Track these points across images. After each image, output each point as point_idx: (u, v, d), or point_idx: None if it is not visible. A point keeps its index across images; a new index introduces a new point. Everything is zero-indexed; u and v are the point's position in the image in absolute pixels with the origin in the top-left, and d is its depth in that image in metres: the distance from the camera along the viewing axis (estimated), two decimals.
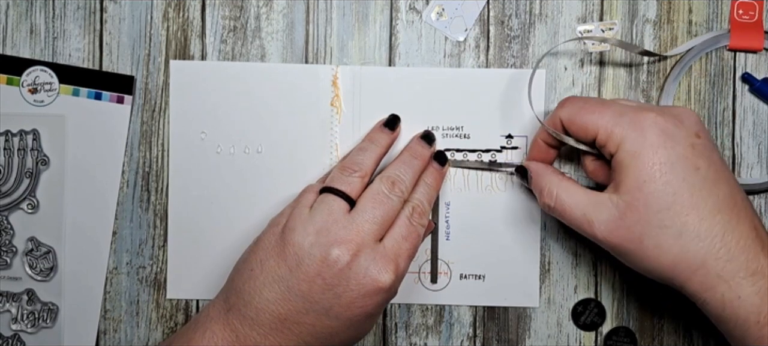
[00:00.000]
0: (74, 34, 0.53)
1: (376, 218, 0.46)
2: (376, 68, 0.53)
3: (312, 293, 0.45)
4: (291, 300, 0.45)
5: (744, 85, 0.54)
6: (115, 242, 0.53)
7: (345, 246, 0.45)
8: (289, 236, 0.46)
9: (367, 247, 0.45)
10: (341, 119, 0.53)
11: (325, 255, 0.45)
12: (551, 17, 0.53)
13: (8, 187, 0.53)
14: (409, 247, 0.47)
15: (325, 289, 0.45)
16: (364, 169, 0.48)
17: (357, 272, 0.45)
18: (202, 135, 0.53)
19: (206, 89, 0.53)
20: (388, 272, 0.45)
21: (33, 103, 0.53)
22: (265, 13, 0.53)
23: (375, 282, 0.45)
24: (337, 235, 0.45)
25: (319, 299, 0.45)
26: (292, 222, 0.46)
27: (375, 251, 0.45)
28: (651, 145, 0.43)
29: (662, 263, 0.44)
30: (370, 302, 0.45)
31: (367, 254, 0.45)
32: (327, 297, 0.45)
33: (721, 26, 0.54)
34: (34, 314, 0.53)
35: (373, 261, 0.45)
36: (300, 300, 0.45)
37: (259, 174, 0.53)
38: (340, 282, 0.45)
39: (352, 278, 0.45)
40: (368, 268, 0.45)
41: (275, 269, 0.45)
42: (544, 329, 0.54)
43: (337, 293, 0.45)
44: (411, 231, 0.47)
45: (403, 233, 0.47)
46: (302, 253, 0.45)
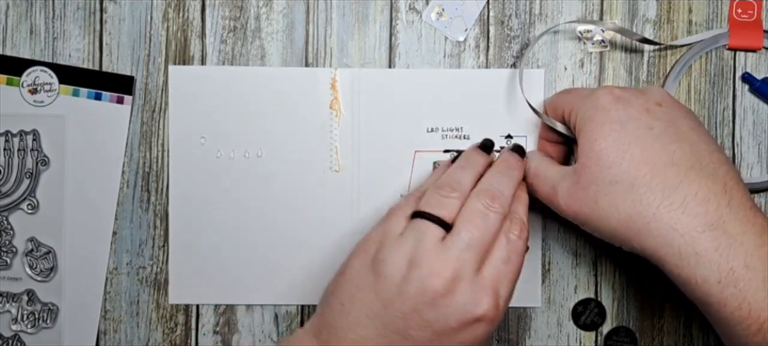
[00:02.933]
0: (74, 35, 0.53)
1: (473, 244, 0.43)
2: (375, 70, 0.53)
3: (409, 329, 0.42)
4: (388, 337, 0.42)
5: (744, 85, 0.54)
6: (115, 242, 0.53)
7: (441, 280, 0.41)
8: (380, 267, 0.43)
9: (464, 278, 0.42)
10: (341, 122, 0.53)
11: (421, 290, 0.41)
12: (551, 17, 0.53)
13: (8, 187, 0.53)
14: (511, 270, 0.44)
15: (423, 325, 0.42)
16: (463, 189, 0.45)
17: (455, 307, 0.42)
18: (202, 140, 0.53)
19: (205, 94, 0.53)
20: (487, 302, 0.42)
21: (33, 103, 0.53)
22: (265, 14, 0.53)
23: (473, 315, 0.42)
24: (432, 267, 0.42)
25: (417, 336, 0.42)
26: (383, 253, 0.43)
27: (473, 283, 0.42)
28: (602, 107, 0.45)
29: (618, 219, 0.43)
30: (471, 336, 0.42)
31: (465, 287, 0.42)
32: (426, 334, 0.42)
33: (721, 26, 0.54)
34: (34, 314, 0.53)
35: (471, 293, 0.42)
36: (397, 337, 0.42)
37: (260, 178, 0.53)
38: (439, 318, 0.42)
39: (450, 313, 0.42)
40: (467, 302, 0.42)
41: (368, 305, 0.43)
42: (544, 329, 0.54)
43: (435, 329, 0.42)
44: (511, 252, 0.44)
45: (504, 257, 0.44)
46: (395, 288, 0.42)
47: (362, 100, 0.53)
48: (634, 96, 0.45)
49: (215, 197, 0.53)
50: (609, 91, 0.45)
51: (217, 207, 0.53)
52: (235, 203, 0.53)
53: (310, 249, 0.53)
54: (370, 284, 0.43)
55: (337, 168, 0.53)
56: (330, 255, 0.52)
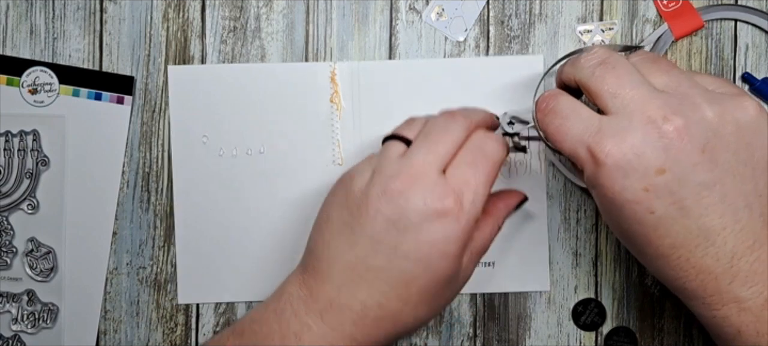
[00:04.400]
0: (74, 35, 0.53)
1: (432, 149, 0.43)
2: (374, 63, 0.53)
3: (375, 231, 0.42)
4: (358, 244, 0.42)
5: (744, 85, 0.54)
6: (115, 242, 0.53)
7: (400, 179, 0.42)
8: (349, 183, 0.44)
9: (424, 177, 0.42)
10: (341, 115, 0.53)
11: (382, 190, 0.42)
12: (551, 17, 0.53)
13: (8, 187, 0.53)
14: (477, 174, 0.43)
15: (388, 225, 0.42)
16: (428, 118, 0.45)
17: (416, 203, 0.41)
18: (204, 139, 0.53)
19: (205, 93, 0.53)
20: (447, 198, 0.41)
21: (33, 103, 0.53)
22: (265, 14, 0.53)
23: (433, 209, 0.41)
24: (392, 170, 0.42)
25: (384, 238, 0.42)
26: (352, 171, 0.45)
27: (435, 181, 0.42)
28: (601, 187, 0.40)
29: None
30: (437, 235, 0.41)
31: (425, 184, 0.42)
32: (391, 234, 0.42)
33: (720, 26, 0.54)
34: (35, 314, 0.53)
35: (431, 191, 0.41)
36: (366, 242, 0.42)
37: (263, 175, 0.53)
38: (401, 216, 0.41)
39: (411, 209, 0.41)
40: (426, 197, 0.41)
41: (340, 218, 0.43)
42: (544, 329, 0.54)
43: (399, 228, 0.42)
44: (476, 156, 0.43)
45: (468, 159, 0.43)
46: (361, 195, 0.43)
47: (362, 93, 0.53)
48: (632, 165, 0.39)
49: (219, 195, 0.53)
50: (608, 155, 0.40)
51: (221, 205, 0.53)
52: (239, 200, 0.53)
53: None
54: (342, 201, 0.44)
55: (339, 161, 0.53)
56: None
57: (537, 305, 0.54)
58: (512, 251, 0.53)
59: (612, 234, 0.54)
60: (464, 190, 0.42)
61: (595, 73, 0.41)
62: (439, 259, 0.42)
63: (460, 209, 0.42)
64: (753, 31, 0.54)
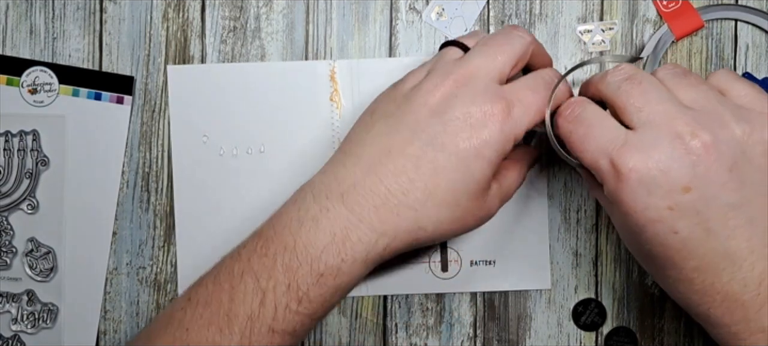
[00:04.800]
0: (74, 35, 0.53)
1: (490, 56, 0.42)
2: (374, 60, 0.53)
3: (418, 121, 0.42)
4: (398, 132, 0.42)
5: None
6: (115, 242, 0.53)
7: (454, 77, 0.42)
8: (401, 82, 0.45)
9: (479, 80, 0.42)
10: (342, 113, 0.53)
11: (434, 85, 0.42)
12: (551, 17, 0.53)
13: (8, 187, 0.53)
14: (535, 97, 0.42)
15: (432, 116, 0.41)
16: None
17: (464, 100, 0.41)
18: (204, 139, 0.53)
19: (205, 93, 0.53)
20: (497, 103, 0.41)
21: (33, 103, 0.53)
22: (265, 14, 0.53)
23: (482, 111, 0.41)
24: (447, 69, 0.42)
25: (425, 127, 0.41)
26: (407, 74, 0.45)
27: (487, 86, 0.42)
28: (624, 204, 0.39)
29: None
30: (477, 135, 0.41)
31: (478, 86, 0.41)
32: (432, 125, 0.41)
33: (721, 26, 0.54)
34: (34, 314, 0.53)
35: (483, 92, 0.41)
36: (406, 129, 0.42)
37: (264, 174, 0.53)
38: (447, 109, 0.41)
39: (458, 105, 0.41)
40: (476, 97, 0.41)
41: (384, 109, 0.43)
42: (544, 329, 0.54)
43: (443, 120, 0.41)
44: (539, 83, 0.43)
45: (530, 83, 0.43)
46: (411, 90, 0.43)
47: (362, 91, 0.53)
48: (657, 183, 0.38)
49: (220, 195, 0.53)
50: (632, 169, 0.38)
51: (222, 205, 0.53)
52: (239, 199, 0.53)
53: None
54: (390, 94, 0.44)
55: None
56: None
57: (537, 305, 0.54)
58: (513, 249, 0.53)
59: (612, 234, 0.54)
60: (516, 103, 0.42)
61: (621, 87, 0.40)
62: (474, 159, 0.41)
63: (507, 117, 0.41)
64: (753, 31, 0.54)
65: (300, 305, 0.41)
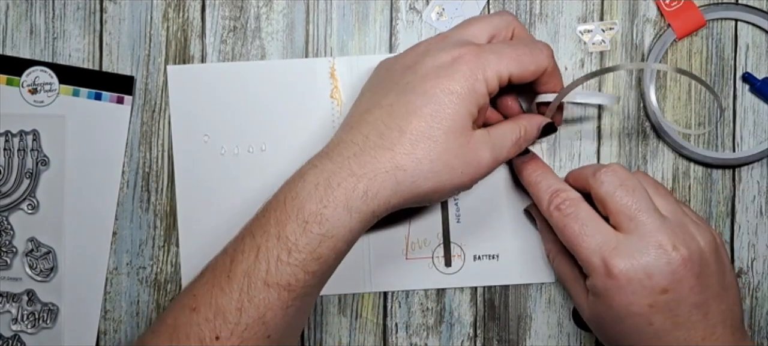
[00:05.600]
0: (74, 35, 0.53)
1: (466, 23, 0.48)
2: (374, 57, 0.53)
3: (394, 78, 0.46)
4: (377, 92, 0.46)
5: (744, 85, 0.54)
6: (115, 242, 0.53)
7: (429, 40, 0.48)
8: (397, 56, 0.49)
9: (451, 37, 0.47)
10: (342, 110, 0.53)
11: (409, 50, 0.48)
12: (551, 17, 0.53)
13: (8, 187, 0.53)
14: (510, 50, 0.46)
15: (405, 69, 0.46)
16: None
17: (435, 51, 0.46)
18: (205, 138, 0.53)
19: (205, 92, 0.53)
20: (466, 48, 0.45)
21: (33, 103, 0.53)
22: (265, 13, 0.53)
23: (450, 55, 0.45)
24: (426, 40, 0.48)
25: (399, 80, 0.46)
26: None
27: (459, 38, 0.47)
28: (609, 298, 0.45)
29: None
30: (446, 73, 0.45)
31: (450, 40, 0.46)
32: (406, 75, 0.46)
33: (721, 26, 0.54)
34: (35, 314, 0.53)
35: (454, 42, 0.46)
36: (383, 88, 0.46)
37: (265, 172, 0.53)
38: (418, 60, 0.46)
39: (429, 57, 0.45)
40: (445, 48, 0.46)
41: (369, 82, 0.49)
42: (544, 330, 0.54)
43: (414, 70, 0.46)
44: (520, 43, 0.47)
45: (510, 43, 0.47)
46: (391, 59, 0.48)
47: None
48: (641, 284, 0.44)
49: (221, 194, 0.53)
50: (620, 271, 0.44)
51: (224, 204, 0.53)
52: (241, 198, 0.53)
53: None
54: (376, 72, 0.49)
55: None
56: None
57: (537, 305, 0.54)
58: (516, 243, 0.53)
59: None
60: (488, 52, 0.45)
61: (616, 193, 0.46)
62: (442, 93, 0.44)
63: (476, 58, 0.45)
64: (753, 31, 0.54)
65: (290, 256, 0.43)
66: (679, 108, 0.54)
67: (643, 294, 0.44)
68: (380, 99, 0.46)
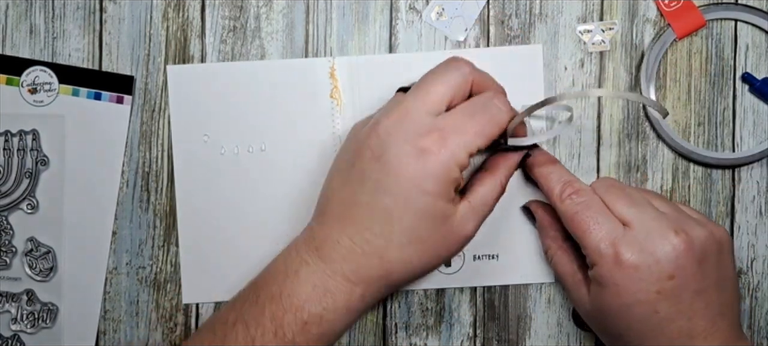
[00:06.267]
0: (74, 34, 0.53)
1: (425, 90, 0.45)
2: (374, 57, 0.53)
3: (363, 169, 0.44)
4: (350, 181, 0.45)
5: (744, 85, 0.54)
6: (115, 242, 0.53)
7: (390, 117, 0.44)
8: (353, 129, 0.48)
9: (411, 116, 0.44)
10: (342, 110, 0.53)
11: (372, 127, 0.45)
12: (551, 17, 0.53)
13: (8, 187, 0.53)
14: (471, 123, 0.44)
15: (373, 161, 0.44)
16: None
17: (398, 138, 0.43)
18: (205, 138, 0.53)
19: (205, 92, 0.53)
20: (430, 136, 0.43)
21: (32, 103, 0.53)
22: (265, 13, 0.53)
23: (415, 146, 0.43)
24: (385, 110, 0.46)
25: (370, 174, 0.44)
26: (360, 121, 0.49)
27: (421, 120, 0.44)
28: (615, 286, 0.45)
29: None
30: (416, 171, 0.43)
31: (410, 122, 0.44)
32: (375, 170, 0.44)
33: (721, 26, 0.54)
34: (34, 314, 0.53)
35: (416, 128, 0.43)
36: (356, 178, 0.45)
37: (265, 172, 0.53)
38: (384, 150, 0.44)
39: (393, 143, 0.43)
40: (410, 134, 0.43)
41: (340, 162, 0.47)
42: (544, 330, 0.54)
43: (382, 162, 0.44)
44: (476, 108, 0.45)
45: (466, 109, 0.45)
46: (357, 135, 0.46)
47: (362, 88, 0.53)
48: (650, 269, 0.44)
49: (221, 194, 0.53)
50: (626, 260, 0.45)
51: (223, 204, 0.53)
52: (241, 198, 0.53)
53: None
54: (345, 146, 0.48)
55: None
56: None
57: (537, 305, 0.54)
58: (516, 243, 0.53)
59: None
60: (451, 135, 0.44)
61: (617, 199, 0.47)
62: (419, 195, 0.43)
63: (443, 147, 0.43)
64: (753, 31, 0.54)
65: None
66: (679, 108, 0.54)
67: (650, 281, 0.44)
68: (355, 192, 0.45)
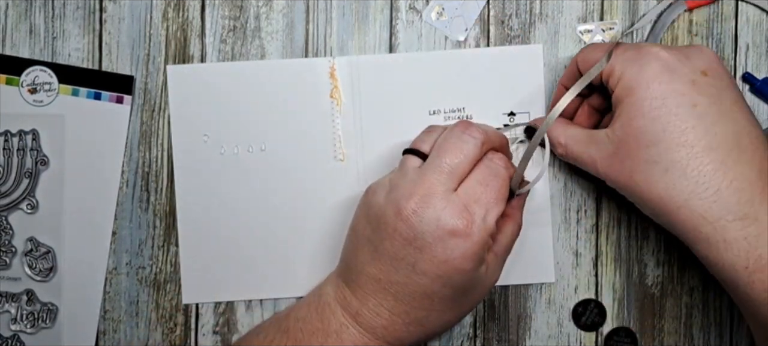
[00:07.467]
0: (74, 34, 0.53)
1: (444, 165, 0.45)
2: (374, 57, 0.53)
3: (395, 250, 0.45)
4: (380, 260, 0.45)
5: (745, 85, 0.54)
6: (115, 242, 0.53)
7: (414, 198, 0.44)
8: (370, 198, 0.47)
9: (436, 195, 0.44)
10: (342, 110, 0.53)
11: (397, 210, 0.44)
12: (551, 17, 0.53)
13: (7, 187, 0.53)
14: (489, 192, 0.45)
15: (405, 244, 0.44)
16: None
17: (429, 222, 0.44)
18: (205, 138, 0.53)
19: (205, 92, 0.53)
20: (460, 218, 0.44)
21: (32, 103, 0.53)
22: (265, 13, 0.53)
23: (445, 228, 0.44)
24: (405, 189, 0.45)
25: (403, 256, 0.44)
26: (374, 185, 0.47)
27: (446, 199, 0.44)
28: (645, 79, 0.43)
29: (651, 197, 0.44)
30: (451, 253, 0.44)
31: (437, 202, 0.44)
32: (408, 252, 0.44)
33: (721, 26, 0.54)
34: (34, 314, 0.53)
35: (443, 209, 0.44)
36: (387, 259, 0.45)
37: (265, 172, 0.53)
38: (417, 236, 0.44)
39: (425, 229, 0.44)
40: (439, 216, 0.44)
41: (363, 233, 0.46)
42: (544, 330, 0.54)
43: (416, 246, 0.44)
44: (489, 176, 0.46)
45: (480, 178, 0.45)
46: (379, 211, 0.45)
47: (362, 88, 0.53)
48: (681, 63, 0.43)
49: (221, 194, 0.53)
50: (655, 55, 0.44)
51: (223, 204, 0.53)
52: (241, 198, 0.53)
53: (317, 240, 0.53)
54: (364, 214, 0.47)
55: (341, 157, 0.53)
56: (337, 245, 0.52)
57: (537, 306, 0.54)
58: (517, 244, 0.53)
59: (612, 234, 0.54)
60: (476, 208, 0.45)
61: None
62: (455, 274, 0.45)
63: (472, 225, 0.44)
64: (754, 31, 0.54)
65: None
66: None
67: (684, 72, 0.43)
68: (388, 272, 0.45)
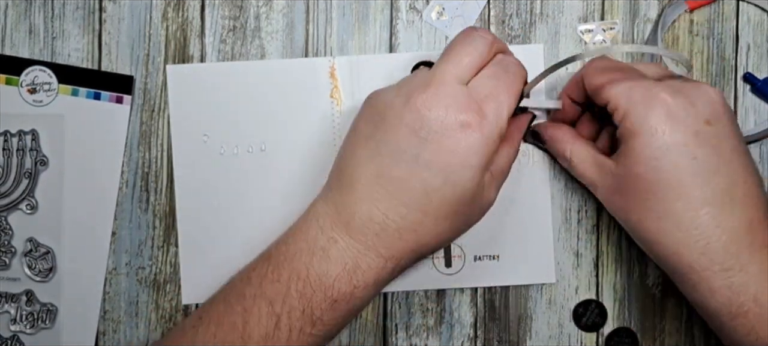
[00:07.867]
0: (73, 34, 0.53)
1: (454, 61, 0.44)
2: (374, 56, 0.53)
3: (399, 141, 0.43)
4: (380, 154, 0.44)
5: (745, 85, 0.54)
6: (115, 242, 0.53)
7: (424, 89, 0.43)
8: (375, 99, 0.46)
9: (447, 87, 0.43)
10: (342, 110, 0.53)
11: (405, 100, 0.44)
12: (552, 17, 0.53)
13: (7, 187, 0.53)
14: (500, 86, 0.44)
15: (410, 134, 0.43)
16: None
17: (438, 113, 0.43)
18: (205, 138, 0.53)
19: (205, 92, 0.53)
20: (470, 110, 0.43)
21: (32, 103, 0.53)
22: (265, 13, 0.53)
23: (457, 120, 0.43)
24: (416, 82, 0.44)
25: (406, 147, 0.43)
26: (378, 90, 0.47)
27: (456, 92, 0.43)
28: (649, 126, 0.43)
29: (644, 237, 0.45)
30: (459, 145, 0.43)
31: (447, 94, 0.43)
32: (413, 143, 0.43)
33: (721, 26, 0.53)
34: (33, 314, 0.53)
35: (453, 101, 0.43)
36: (388, 152, 0.44)
37: (265, 172, 0.53)
38: (424, 125, 0.43)
39: (433, 118, 0.43)
40: (449, 107, 0.43)
41: (364, 131, 0.45)
42: (545, 330, 0.54)
43: (422, 137, 0.43)
44: (499, 71, 0.45)
45: (489, 73, 0.45)
46: (386, 107, 0.44)
47: (362, 87, 0.53)
48: (686, 112, 0.43)
49: (221, 194, 0.53)
50: (662, 101, 0.43)
51: (223, 204, 0.53)
52: (241, 198, 0.53)
53: None
54: (367, 116, 0.46)
55: None
56: None
57: (538, 306, 0.54)
58: (517, 243, 0.53)
59: (613, 235, 0.54)
60: (487, 101, 0.44)
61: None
62: (461, 169, 0.43)
63: (483, 119, 0.43)
64: (754, 31, 0.54)
65: (314, 328, 0.44)
66: None
67: (688, 122, 0.43)
68: (388, 165, 0.44)
